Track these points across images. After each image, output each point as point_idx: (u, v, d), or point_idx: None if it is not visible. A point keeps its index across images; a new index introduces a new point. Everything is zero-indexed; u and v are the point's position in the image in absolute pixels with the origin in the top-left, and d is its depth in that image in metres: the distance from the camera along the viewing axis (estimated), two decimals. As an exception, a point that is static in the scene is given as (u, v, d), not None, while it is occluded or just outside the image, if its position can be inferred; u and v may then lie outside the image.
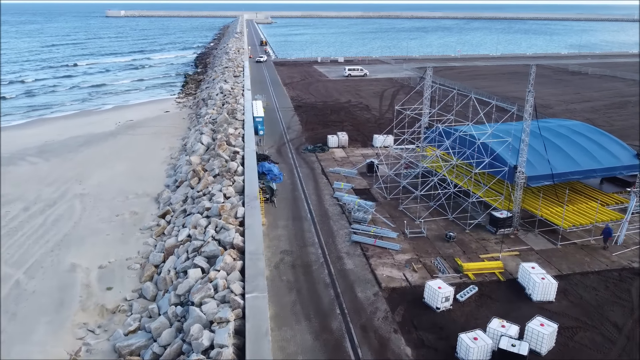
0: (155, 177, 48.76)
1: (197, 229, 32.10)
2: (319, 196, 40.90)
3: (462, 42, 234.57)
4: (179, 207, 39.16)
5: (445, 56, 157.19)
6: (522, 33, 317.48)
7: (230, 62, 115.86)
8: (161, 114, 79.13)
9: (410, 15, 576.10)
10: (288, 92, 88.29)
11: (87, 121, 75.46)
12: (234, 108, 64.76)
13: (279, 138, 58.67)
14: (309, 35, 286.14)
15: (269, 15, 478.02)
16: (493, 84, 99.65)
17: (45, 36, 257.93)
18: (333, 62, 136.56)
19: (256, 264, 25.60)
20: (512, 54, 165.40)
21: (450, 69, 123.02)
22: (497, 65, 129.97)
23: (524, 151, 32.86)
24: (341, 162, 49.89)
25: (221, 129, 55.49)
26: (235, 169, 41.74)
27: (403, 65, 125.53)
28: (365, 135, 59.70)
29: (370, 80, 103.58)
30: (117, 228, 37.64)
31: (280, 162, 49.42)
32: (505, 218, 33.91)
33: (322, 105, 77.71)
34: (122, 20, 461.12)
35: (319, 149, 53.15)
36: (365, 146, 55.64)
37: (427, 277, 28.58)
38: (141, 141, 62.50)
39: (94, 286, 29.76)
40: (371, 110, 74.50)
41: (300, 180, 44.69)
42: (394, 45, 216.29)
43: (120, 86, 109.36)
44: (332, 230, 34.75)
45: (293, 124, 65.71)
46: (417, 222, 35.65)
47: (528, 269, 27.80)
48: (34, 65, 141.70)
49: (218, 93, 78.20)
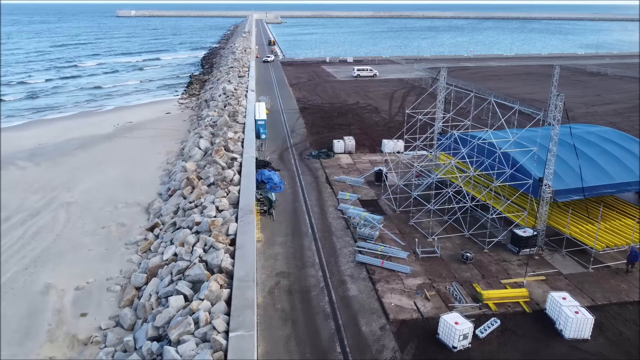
0: (149, 184, 45.68)
1: (185, 247, 28.86)
2: (322, 208, 37.48)
3: (475, 42, 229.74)
4: (170, 219, 35.99)
5: (458, 56, 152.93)
6: (536, 33, 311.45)
7: (236, 62, 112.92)
8: (162, 115, 76.24)
9: (422, 15, 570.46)
10: (294, 93, 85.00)
11: (85, 122, 72.79)
12: (236, 110, 61.60)
13: (282, 142, 55.35)
14: (319, 35, 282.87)
15: (278, 15, 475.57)
16: (508, 85, 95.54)
17: (55, 36, 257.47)
18: (342, 62, 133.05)
19: (244, 294, 22.26)
20: (526, 54, 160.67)
21: (463, 69, 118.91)
22: (512, 66, 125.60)
23: (551, 162, 29.17)
24: (347, 169, 46.44)
25: (220, 133, 52.34)
26: (232, 178, 38.48)
27: (414, 66, 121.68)
28: (373, 140, 56.17)
29: (379, 81, 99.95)
30: (101, 242, 34.54)
31: (281, 169, 46.09)
32: (528, 237, 30.24)
33: (328, 107, 74.29)
34: (133, 20, 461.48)
35: (323, 155, 49.74)
36: (373, 152, 52.12)
37: (441, 308, 25.05)
38: (138, 144, 59.56)
39: (67, 311, 26.62)
40: (380, 112, 70.93)
41: (302, 189, 41.33)
42: (405, 45, 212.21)
43: (125, 87, 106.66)
44: (335, 248, 31.32)
45: (297, 127, 62.37)
46: (430, 240, 32.12)
47: (558, 299, 24.15)
48: (41, 65, 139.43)
49: (221, 94, 75.15)
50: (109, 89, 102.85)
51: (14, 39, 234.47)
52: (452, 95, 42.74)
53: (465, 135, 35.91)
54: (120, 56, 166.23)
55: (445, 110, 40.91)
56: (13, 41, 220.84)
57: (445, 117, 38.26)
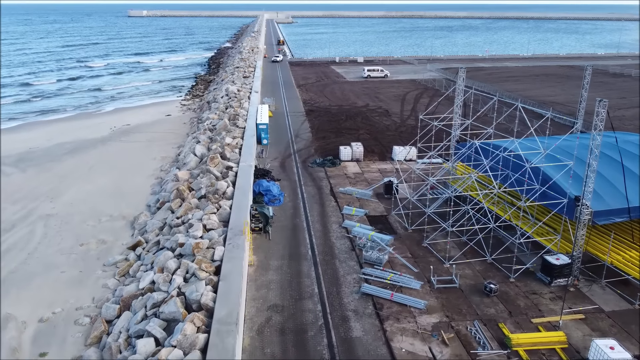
0: (139, 194, 42.07)
1: (164, 274, 25.05)
2: (325, 225, 33.50)
3: (490, 42, 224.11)
4: (154, 236, 32.28)
5: (472, 56, 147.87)
6: (551, 32, 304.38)
7: (242, 62, 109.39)
8: (162, 117, 72.83)
9: (434, 15, 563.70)
10: (301, 95, 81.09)
11: (82, 125, 69.59)
12: (237, 113, 57.86)
13: (285, 148, 51.44)
14: (329, 35, 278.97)
15: (289, 15, 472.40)
16: (526, 87, 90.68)
17: (68, 36, 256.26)
18: (352, 62, 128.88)
19: (224, 342, 18.36)
20: (544, 54, 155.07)
21: (478, 70, 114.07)
22: (529, 67, 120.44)
23: (591, 179, 24.87)
24: (354, 179, 42.39)
25: (218, 138, 48.60)
26: (224, 191, 34.65)
27: (427, 66, 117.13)
28: (383, 146, 52.04)
29: (391, 82, 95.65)
30: (77, 262, 30.92)
31: (282, 179, 42.18)
32: (562, 265, 25.96)
33: (336, 109, 70.26)
34: (145, 20, 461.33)
35: (329, 163, 45.74)
36: (383, 159, 48.00)
37: (461, 355, 20.95)
38: (133, 149, 56.10)
39: (25, 350, 22.97)
40: (391, 115, 66.74)
41: (304, 202, 37.37)
42: (417, 45, 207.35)
43: (130, 88, 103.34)
44: (337, 274, 27.32)
45: (302, 131, 58.42)
46: (447, 266, 27.98)
47: (605, 349, 19.94)
48: (49, 65, 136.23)
49: (223, 95, 71.54)
50: (112, 91, 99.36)
51: (26, 39, 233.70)
52: (471, 99, 38.44)
53: (488, 145, 31.66)
54: (130, 56, 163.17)
55: (464, 115, 36.69)
56: (23, 41, 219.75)
57: (464, 124, 34.03)
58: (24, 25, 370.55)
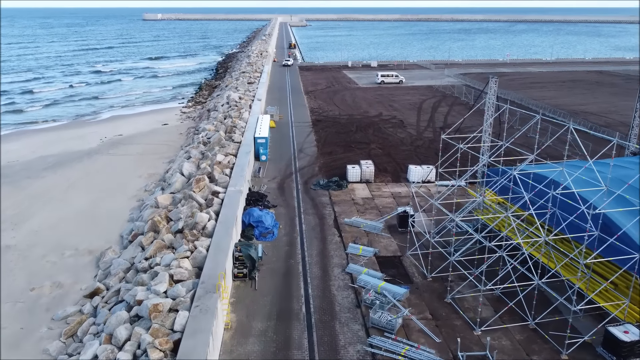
0: (114, 221, 36.59)
1: (109, 348, 19.33)
2: (325, 269, 27.53)
3: (509, 45, 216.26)
4: (117, 281, 26.65)
5: (493, 60, 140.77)
6: (572, 35, 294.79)
7: (249, 66, 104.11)
8: (158, 127, 67.64)
9: (450, 18, 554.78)
10: (308, 103, 75.27)
11: (72, 135, 64.72)
12: (235, 124, 52.23)
13: (286, 166, 45.59)
14: (343, 37, 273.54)
15: (303, 18, 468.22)
16: (554, 94, 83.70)
17: (81, 40, 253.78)
18: (365, 66, 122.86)
19: None
20: (568, 58, 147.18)
21: (499, 75, 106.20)
22: (554, 72, 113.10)
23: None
24: (362, 206, 36.32)
25: (210, 154, 42.98)
26: (205, 225, 28.90)
27: (444, 71, 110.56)
28: (397, 164, 45.92)
29: (406, 89, 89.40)
30: (22, 314, 25.43)
31: (279, 205, 36.33)
32: (633, 343, 19.61)
33: (346, 119, 64.28)
34: (160, 24, 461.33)
35: (334, 185, 39.73)
36: (397, 180, 41.86)
37: None
38: (120, 164, 50.83)
39: None
40: (407, 126, 60.53)
41: (302, 236, 31.47)
42: (434, 48, 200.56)
43: (130, 95, 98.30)
44: (336, 344, 21.32)
45: (307, 145, 52.53)
46: (478, 334, 21.80)
47: None
48: (56, 71, 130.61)
49: (224, 103, 66.09)
50: (113, 99, 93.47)
51: (40, 42, 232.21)
52: (505, 115, 32.22)
53: (528, 176, 25.31)
54: (141, 61, 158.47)
55: (497, 135, 30.50)
56: (35, 45, 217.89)
57: (498, 148, 27.70)
58: (41, 29, 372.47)
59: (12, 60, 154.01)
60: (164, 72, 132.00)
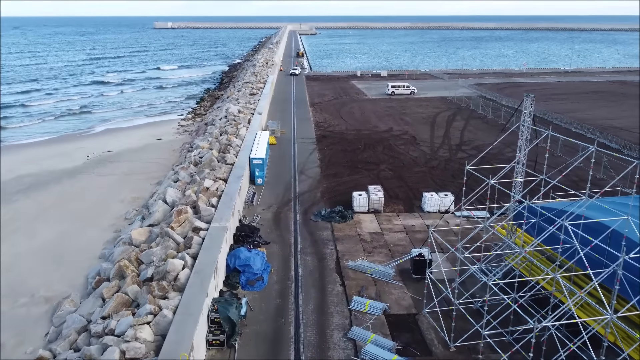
0: (83, 258, 31.71)
1: None
2: (323, 332, 22.32)
3: (524, 53, 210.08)
4: (66, 347, 21.63)
5: (508, 70, 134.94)
6: (588, 43, 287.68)
7: (253, 76, 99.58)
8: (151, 142, 63.05)
9: (462, 26, 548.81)
10: (314, 116, 70.29)
11: (58, 151, 60.30)
12: (229, 142, 47.35)
13: (284, 190, 40.50)
14: (353, 45, 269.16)
15: (313, 27, 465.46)
16: (577, 107, 77.88)
17: (90, 49, 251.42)
18: (374, 76, 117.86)
19: None
20: (588, 68, 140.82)
21: (516, 86, 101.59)
22: (575, 82, 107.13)
23: None
24: (370, 243, 31.08)
25: (198, 178, 38.07)
26: (177, 275, 23.83)
27: (458, 81, 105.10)
28: (410, 189, 40.63)
29: (418, 100, 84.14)
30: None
31: (273, 241, 31.21)
32: None
33: (353, 135, 59.17)
34: (171, 32, 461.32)
35: (337, 216, 34.52)
36: (410, 209, 36.57)
37: None
38: (103, 185, 46.15)
39: None
40: (419, 144, 55.24)
41: (297, 284, 26.31)
42: (446, 56, 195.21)
43: (127, 109, 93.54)
44: None
45: (310, 165, 47.45)
46: None
47: None
48: (59, 83, 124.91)
49: (222, 117, 61.38)
50: (106, 113, 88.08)
51: (49, 51, 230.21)
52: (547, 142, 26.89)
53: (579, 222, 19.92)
54: (148, 71, 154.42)
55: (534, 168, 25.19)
56: (44, 54, 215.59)
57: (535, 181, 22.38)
58: (54, 36, 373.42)
59: (17, 71, 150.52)
60: (169, 83, 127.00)
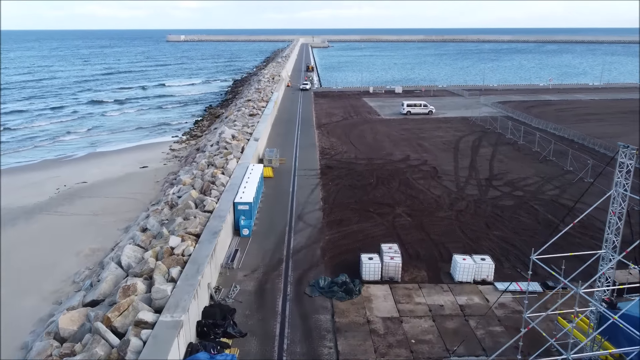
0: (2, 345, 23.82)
1: None
2: None
3: (546, 66, 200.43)
4: None
5: (533, 86, 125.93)
6: (610, 55, 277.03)
7: (257, 93, 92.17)
8: (134, 171, 55.56)
9: (477, 38, 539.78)
10: (319, 140, 62.21)
11: (31, 180, 53.19)
12: (213, 179, 39.38)
13: (275, 246, 32.17)
14: (366, 58, 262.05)
15: (325, 39, 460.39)
16: (617, 130, 68.66)
17: (100, 63, 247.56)
18: (388, 92, 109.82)
19: None
20: (620, 83, 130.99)
21: (544, 104, 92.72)
22: (609, 100, 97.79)
23: None
24: (384, 338, 22.57)
25: (166, 232, 30.03)
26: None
27: (480, 99, 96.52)
28: (434, 244, 32.11)
29: (437, 121, 75.75)
30: None
31: (250, 331, 22.86)
32: None
33: (364, 165, 50.91)
34: (184, 45, 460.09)
35: (340, 290, 26.09)
36: (436, 278, 28.01)
37: None
38: (62, 230, 38.49)
39: None
40: (442, 177, 46.77)
41: (276, 416, 17.94)
42: (464, 70, 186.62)
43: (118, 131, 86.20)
44: None
45: (310, 207, 39.12)
46: None
47: None
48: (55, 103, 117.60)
49: (213, 143, 53.70)
50: (99, 135, 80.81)
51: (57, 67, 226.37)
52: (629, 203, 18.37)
53: None
54: (153, 88, 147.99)
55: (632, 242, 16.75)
56: (51, 70, 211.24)
57: None
58: (68, 50, 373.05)
59: (12, 87, 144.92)
60: (171, 102, 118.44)
